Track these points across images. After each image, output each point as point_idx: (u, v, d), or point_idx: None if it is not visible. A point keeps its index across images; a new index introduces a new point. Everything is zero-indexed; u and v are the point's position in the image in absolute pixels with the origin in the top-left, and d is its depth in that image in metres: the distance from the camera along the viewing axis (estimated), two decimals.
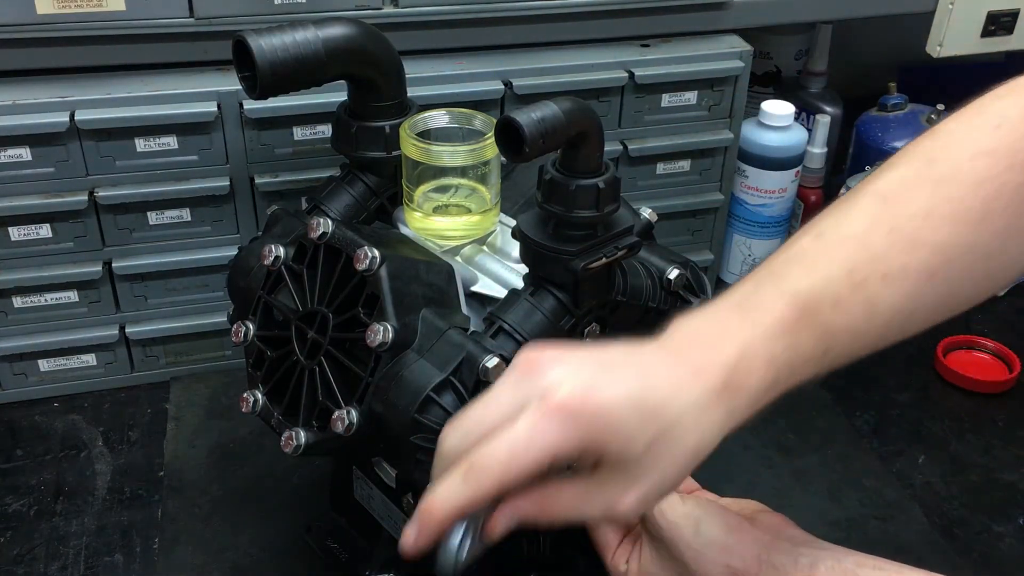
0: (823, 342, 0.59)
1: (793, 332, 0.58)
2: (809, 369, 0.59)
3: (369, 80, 0.77)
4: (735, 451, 0.97)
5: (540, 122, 0.60)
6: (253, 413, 0.70)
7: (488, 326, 0.68)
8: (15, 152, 0.90)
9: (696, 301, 0.75)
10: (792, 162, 1.13)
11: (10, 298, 0.96)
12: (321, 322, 0.68)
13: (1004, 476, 0.97)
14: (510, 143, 0.60)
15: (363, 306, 0.66)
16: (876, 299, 0.61)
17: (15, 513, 0.89)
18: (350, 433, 0.64)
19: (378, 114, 0.78)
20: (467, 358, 0.64)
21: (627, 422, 0.52)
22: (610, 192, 0.65)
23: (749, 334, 0.56)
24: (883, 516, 0.91)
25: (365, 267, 0.64)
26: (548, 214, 0.66)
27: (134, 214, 0.95)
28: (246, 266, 0.76)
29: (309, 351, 0.68)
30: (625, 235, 0.68)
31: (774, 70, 1.38)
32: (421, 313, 0.66)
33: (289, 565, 0.84)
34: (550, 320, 0.67)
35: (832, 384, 1.08)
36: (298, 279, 0.70)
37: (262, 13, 0.91)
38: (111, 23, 0.88)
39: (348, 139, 0.79)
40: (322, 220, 0.68)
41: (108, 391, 1.03)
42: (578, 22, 1.02)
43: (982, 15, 1.13)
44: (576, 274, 0.65)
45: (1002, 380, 1.07)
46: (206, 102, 0.92)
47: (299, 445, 0.66)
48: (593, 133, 0.64)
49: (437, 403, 0.63)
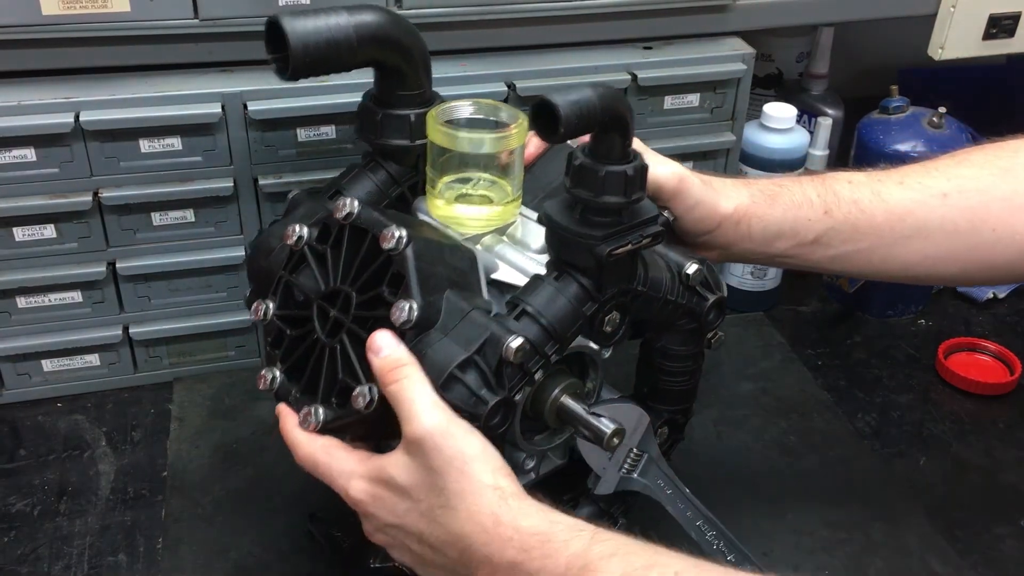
0: (824, 200, 0.79)
1: (799, 183, 0.80)
2: (813, 227, 0.79)
3: (397, 68, 0.77)
4: (736, 452, 0.98)
5: (575, 104, 0.61)
6: (270, 391, 0.71)
7: (511, 309, 0.68)
8: (20, 152, 0.90)
9: (712, 297, 0.76)
10: (794, 164, 1.13)
11: (14, 298, 0.96)
12: (344, 301, 0.68)
13: (1005, 477, 0.97)
14: (546, 124, 0.61)
15: (388, 285, 0.66)
16: (886, 193, 0.78)
17: (19, 513, 0.89)
18: (370, 409, 0.64)
19: (404, 102, 0.79)
20: (491, 338, 0.65)
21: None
22: (638, 179, 0.66)
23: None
24: (884, 518, 0.91)
25: (392, 246, 0.65)
26: (576, 200, 0.67)
27: (138, 215, 0.95)
28: (267, 247, 0.77)
29: (330, 330, 0.68)
30: (649, 224, 0.69)
31: (776, 72, 1.38)
32: (445, 294, 0.67)
33: (292, 565, 0.85)
34: (573, 305, 0.68)
35: (833, 385, 1.08)
36: (321, 259, 0.71)
37: (266, 14, 0.91)
38: (116, 24, 0.89)
39: (373, 127, 0.79)
40: (348, 200, 0.69)
41: (111, 391, 1.04)
42: (581, 24, 1.03)
43: (984, 18, 1.13)
44: (601, 259, 0.66)
45: (1003, 382, 1.08)
46: (210, 103, 0.92)
47: (318, 421, 0.67)
48: (625, 120, 0.65)
49: (460, 381, 0.64)
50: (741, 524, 0.79)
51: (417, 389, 0.63)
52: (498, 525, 0.60)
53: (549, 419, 0.70)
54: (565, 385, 0.70)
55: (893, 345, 1.15)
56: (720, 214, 0.78)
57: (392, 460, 0.64)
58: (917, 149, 1.11)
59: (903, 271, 0.81)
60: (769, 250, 0.80)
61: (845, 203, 0.79)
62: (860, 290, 1.18)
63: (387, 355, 0.64)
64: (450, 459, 0.61)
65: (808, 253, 0.80)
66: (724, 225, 0.79)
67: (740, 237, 0.79)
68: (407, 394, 0.62)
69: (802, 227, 0.79)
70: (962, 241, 0.78)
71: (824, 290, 1.23)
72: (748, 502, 0.90)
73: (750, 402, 1.05)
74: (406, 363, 0.64)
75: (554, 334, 0.67)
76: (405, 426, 0.62)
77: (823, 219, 0.79)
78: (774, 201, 0.80)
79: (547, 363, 0.68)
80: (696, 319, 0.77)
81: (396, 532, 0.65)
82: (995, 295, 1.22)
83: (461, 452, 0.62)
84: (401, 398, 0.63)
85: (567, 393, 0.70)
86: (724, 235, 0.79)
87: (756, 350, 1.12)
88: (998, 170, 0.79)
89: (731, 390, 1.06)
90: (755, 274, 1.16)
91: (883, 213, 0.78)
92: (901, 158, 1.11)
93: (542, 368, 0.67)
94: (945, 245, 0.78)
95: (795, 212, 0.79)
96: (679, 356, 0.80)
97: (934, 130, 1.12)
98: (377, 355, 0.64)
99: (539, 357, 0.67)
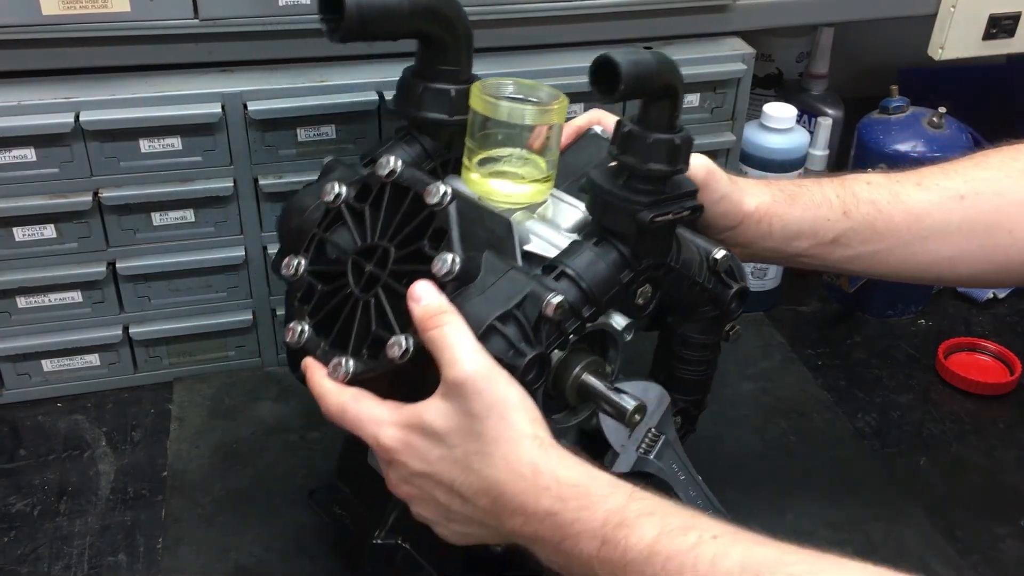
0: (843, 201, 0.80)
1: (818, 184, 0.82)
2: (832, 227, 0.80)
3: (442, 42, 0.78)
4: (736, 452, 0.98)
5: (636, 65, 0.62)
6: (297, 346, 0.70)
7: (549, 271, 0.69)
8: (20, 152, 0.90)
9: (735, 286, 0.78)
10: (794, 164, 1.13)
11: (14, 298, 0.97)
12: (380, 256, 0.68)
13: (1005, 478, 0.97)
14: (605, 81, 0.62)
15: (429, 240, 0.67)
16: (904, 194, 0.80)
17: (19, 513, 0.89)
18: (404, 359, 0.64)
19: (445, 77, 0.79)
20: (531, 294, 0.65)
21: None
22: (685, 150, 0.68)
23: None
24: (884, 518, 0.91)
25: (436, 200, 0.66)
26: (621, 168, 0.68)
27: (138, 215, 0.95)
28: (301, 206, 0.78)
29: (365, 284, 0.69)
30: (689, 198, 0.70)
31: (776, 72, 1.38)
32: (484, 254, 0.67)
33: (292, 565, 0.85)
34: (611, 271, 0.69)
35: (833, 385, 1.08)
36: (358, 217, 0.71)
37: (266, 14, 0.91)
38: (116, 24, 0.89)
39: (412, 99, 0.80)
40: (392, 159, 0.69)
41: (111, 391, 1.04)
42: (581, 24, 1.03)
43: (984, 18, 1.13)
44: (643, 225, 0.67)
45: (1003, 382, 1.08)
46: (210, 103, 0.92)
47: (347, 371, 0.67)
48: (677, 89, 0.66)
49: (500, 332, 0.64)
50: (741, 524, 0.78)
51: (460, 334, 0.62)
52: (536, 474, 0.60)
53: (570, 397, 0.71)
54: (587, 363, 0.71)
55: (893, 345, 1.15)
56: (743, 211, 0.80)
57: (429, 405, 0.63)
58: (917, 149, 1.11)
59: (920, 272, 0.82)
60: (789, 249, 0.82)
61: (864, 204, 0.80)
62: (860, 290, 1.18)
63: (428, 303, 0.64)
64: (491, 404, 0.61)
65: (827, 253, 0.81)
66: (746, 223, 0.80)
67: (761, 235, 0.80)
68: (449, 339, 0.62)
69: (821, 227, 0.80)
70: (979, 243, 0.79)
71: (824, 290, 1.23)
72: (748, 502, 0.90)
73: (750, 402, 1.05)
74: (448, 310, 0.63)
75: (591, 297, 0.68)
76: (447, 370, 0.62)
77: (842, 219, 0.80)
78: (794, 201, 0.81)
79: (582, 325, 0.68)
80: (719, 306, 0.79)
81: (424, 482, 0.64)
82: (995, 295, 1.22)
83: (503, 398, 0.61)
84: (443, 343, 0.62)
85: (589, 370, 0.70)
86: (745, 232, 0.80)
87: (756, 350, 1.12)
88: (1016, 172, 0.80)
89: (731, 390, 1.06)
90: (755, 274, 1.16)
91: (901, 214, 0.79)
92: (901, 158, 1.11)
93: (575, 331, 0.68)
94: (962, 246, 0.80)
95: (814, 212, 0.81)
96: (698, 344, 0.81)
97: (934, 130, 1.12)
98: (418, 303, 0.64)
99: (575, 319, 0.68)
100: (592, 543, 0.58)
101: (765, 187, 0.82)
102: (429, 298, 0.64)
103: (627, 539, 0.57)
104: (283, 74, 0.96)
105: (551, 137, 0.75)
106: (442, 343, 0.62)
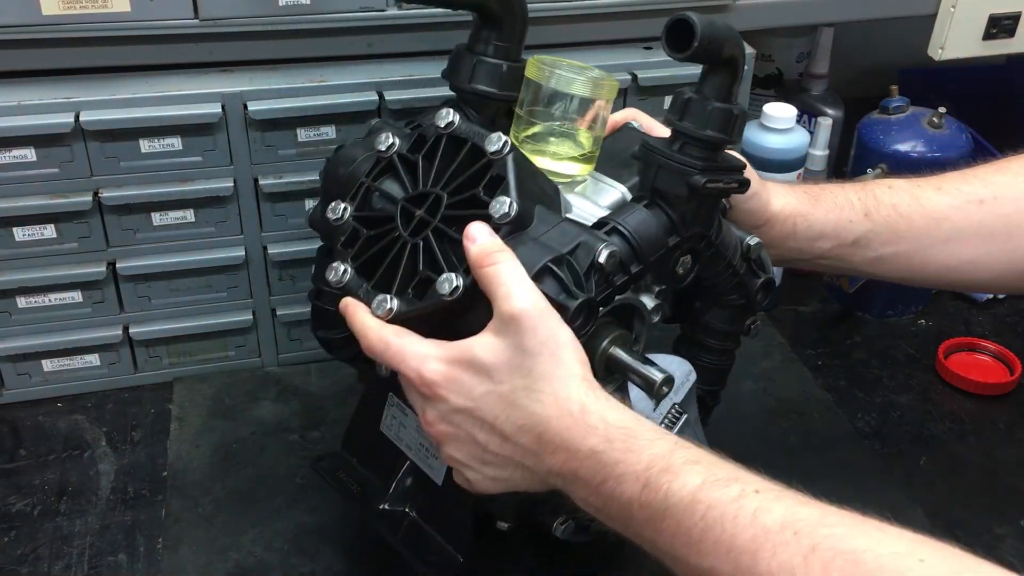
0: (865, 204, 0.81)
1: (841, 186, 0.83)
2: (853, 228, 0.81)
3: (499, 18, 0.79)
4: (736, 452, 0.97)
5: (712, 26, 0.64)
6: (338, 285, 0.70)
7: (600, 226, 0.70)
8: (20, 152, 0.90)
9: (763, 276, 0.80)
10: (794, 164, 1.13)
11: (14, 298, 0.97)
12: (432, 203, 0.69)
13: (1005, 478, 0.97)
14: (679, 38, 0.64)
15: (485, 187, 0.67)
16: (925, 198, 0.81)
17: (19, 513, 0.89)
18: (455, 296, 0.64)
19: (499, 53, 0.80)
20: (584, 243, 0.67)
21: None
22: (740, 122, 0.70)
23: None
24: (884, 518, 0.91)
25: (496, 148, 0.67)
26: (676, 135, 0.71)
27: (138, 215, 0.95)
28: (349, 157, 0.79)
29: (415, 228, 0.69)
30: (737, 172, 0.73)
31: (776, 72, 1.38)
32: (536, 207, 0.68)
33: (292, 565, 0.85)
34: (660, 232, 0.71)
35: (833, 385, 1.08)
36: (410, 167, 0.72)
37: (266, 14, 0.91)
38: (116, 24, 0.89)
39: (465, 71, 0.80)
40: (450, 111, 0.70)
41: (112, 391, 1.04)
42: (581, 24, 1.03)
43: (984, 18, 1.13)
44: (696, 188, 0.69)
45: (1003, 382, 1.08)
46: (210, 103, 0.92)
47: (391, 308, 0.66)
48: (740, 62, 0.68)
49: (553, 273, 0.65)
50: None
51: (515, 271, 0.63)
52: (585, 412, 0.60)
53: (598, 370, 0.71)
54: (615, 336, 0.71)
55: (893, 345, 1.15)
56: (770, 210, 0.81)
57: (479, 340, 0.63)
58: (917, 149, 1.11)
59: (941, 275, 0.84)
60: (812, 250, 0.83)
61: (884, 207, 0.82)
62: (860, 290, 1.18)
63: (483, 242, 0.64)
64: (544, 341, 0.61)
65: (849, 255, 0.83)
66: (772, 222, 0.81)
67: (785, 235, 0.82)
68: (504, 276, 0.62)
69: (843, 228, 0.82)
70: (998, 247, 0.80)
71: (824, 290, 1.23)
72: None
73: (750, 402, 1.05)
74: (503, 248, 0.64)
75: (640, 254, 0.69)
76: (500, 304, 0.62)
77: (863, 221, 0.82)
78: (817, 202, 0.83)
79: (628, 282, 0.69)
80: (746, 295, 0.80)
81: (463, 419, 0.64)
82: (995, 295, 1.22)
83: (555, 336, 0.62)
84: (498, 280, 0.62)
85: (617, 343, 0.71)
86: (771, 231, 0.82)
87: (756, 350, 1.12)
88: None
89: (731, 390, 1.05)
90: None
91: (921, 217, 0.81)
92: (901, 158, 1.11)
93: (621, 287, 0.69)
94: (981, 250, 0.81)
95: (837, 214, 0.82)
96: (721, 333, 0.83)
97: (934, 130, 1.12)
98: (474, 242, 0.64)
99: (623, 273, 0.69)
100: (634, 486, 0.58)
101: (790, 190, 0.84)
102: (484, 238, 0.64)
103: (670, 484, 0.57)
104: (283, 74, 0.96)
105: (598, 116, 0.76)
106: (497, 279, 0.62)
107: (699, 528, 0.55)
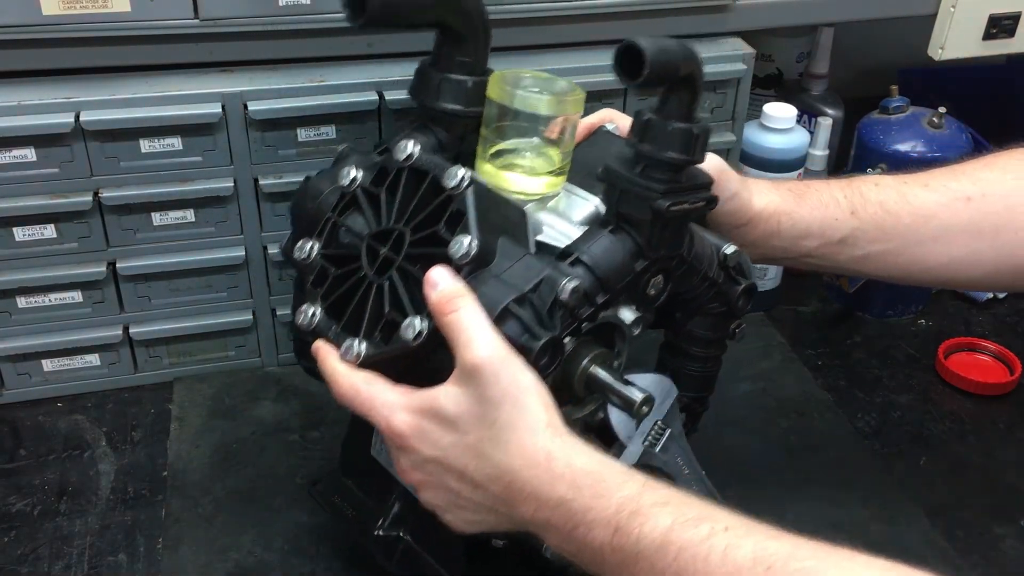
0: (851, 201, 0.80)
1: (826, 184, 0.82)
2: (840, 227, 0.80)
3: (461, 35, 0.79)
4: (736, 452, 0.98)
5: (663, 52, 0.63)
6: (308, 328, 0.70)
7: (564, 257, 0.69)
8: (20, 152, 0.90)
9: (743, 283, 0.78)
10: (794, 164, 1.13)
11: (14, 298, 0.97)
12: (396, 240, 0.69)
13: (1005, 478, 0.97)
14: (630, 65, 0.63)
15: (446, 224, 0.67)
16: (912, 195, 0.80)
17: (19, 513, 0.89)
18: (418, 341, 0.64)
19: (463, 68, 0.80)
20: (547, 279, 0.66)
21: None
22: (702, 140, 0.69)
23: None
24: (884, 518, 0.91)
25: (455, 183, 0.66)
26: (638, 157, 0.69)
27: (138, 215, 0.95)
28: (316, 190, 0.78)
29: (380, 267, 0.69)
30: (704, 189, 0.71)
31: (776, 72, 1.38)
32: (499, 239, 0.67)
33: (292, 565, 0.85)
34: (625, 259, 0.70)
35: (833, 385, 1.08)
36: (373, 201, 0.71)
37: (266, 15, 0.91)
38: (116, 24, 0.89)
39: (429, 89, 0.80)
40: (410, 143, 0.70)
41: (112, 391, 1.04)
42: (581, 24, 1.03)
43: (984, 18, 1.13)
44: (660, 212, 0.68)
45: (1003, 382, 1.08)
46: (211, 103, 0.92)
47: (359, 353, 0.66)
48: (698, 80, 0.67)
49: (515, 315, 0.64)
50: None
51: (475, 319, 0.62)
52: (550, 461, 0.60)
53: (578, 388, 0.71)
54: (595, 355, 0.71)
55: (893, 345, 1.15)
56: (753, 209, 0.80)
57: (442, 391, 0.63)
58: (917, 149, 1.11)
59: (928, 273, 0.83)
60: (797, 249, 0.82)
61: (871, 204, 0.81)
62: (860, 290, 1.18)
63: (444, 288, 0.63)
64: (506, 389, 0.61)
65: (835, 253, 0.82)
66: (754, 221, 0.81)
67: (769, 234, 0.81)
68: (464, 323, 0.62)
69: (829, 227, 0.81)
70: (986, 244, 0.79)
71: (824, 290, 1.23)
72: (748, 502, 0.90)
73: (750, 402, 1.05)
74: (464, 294, 0.63)
75: (605, 284, 0.69)
76: (462, 354, 0.62)
77: (849, 219, 0.81)
78: (801, 200, 0.82)
79: (595, 313, 0.69)
80: (726, 303, 0.79)
81: (435, 468, 0.64)
82: (995, 295, 1.22)
83: (517, 383, 0.61)
84: (459, 327, 0.62)
85: (597, 362, 0.71)
86: (754, 231, 0.81)
87: (756, 350, 1.12)
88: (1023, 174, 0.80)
89: (731, 390, 1.06)
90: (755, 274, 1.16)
91: (908, 215, 0.80)
92: (901, 158, 1.11)
93: (588, 319, 0.68)
94: (970, 248, 0.80)
95: (822, 212, 0.81)
96: (704, 341, 0.82)
97: (934, 130, 1.12)
98: (435, 288, 0.63)
99: (589, 305, 0.68)
100: (605, 531, 0.58)
101: (774, 187, 0.83)
102: (445, 283, 0.64)
103: (641, 528, 0.57)
104: (283, 74, 0.96)
105: (566, 129, 0.75)
106: (458, 327, 0.62)
107: (672, 570, 0.55)
